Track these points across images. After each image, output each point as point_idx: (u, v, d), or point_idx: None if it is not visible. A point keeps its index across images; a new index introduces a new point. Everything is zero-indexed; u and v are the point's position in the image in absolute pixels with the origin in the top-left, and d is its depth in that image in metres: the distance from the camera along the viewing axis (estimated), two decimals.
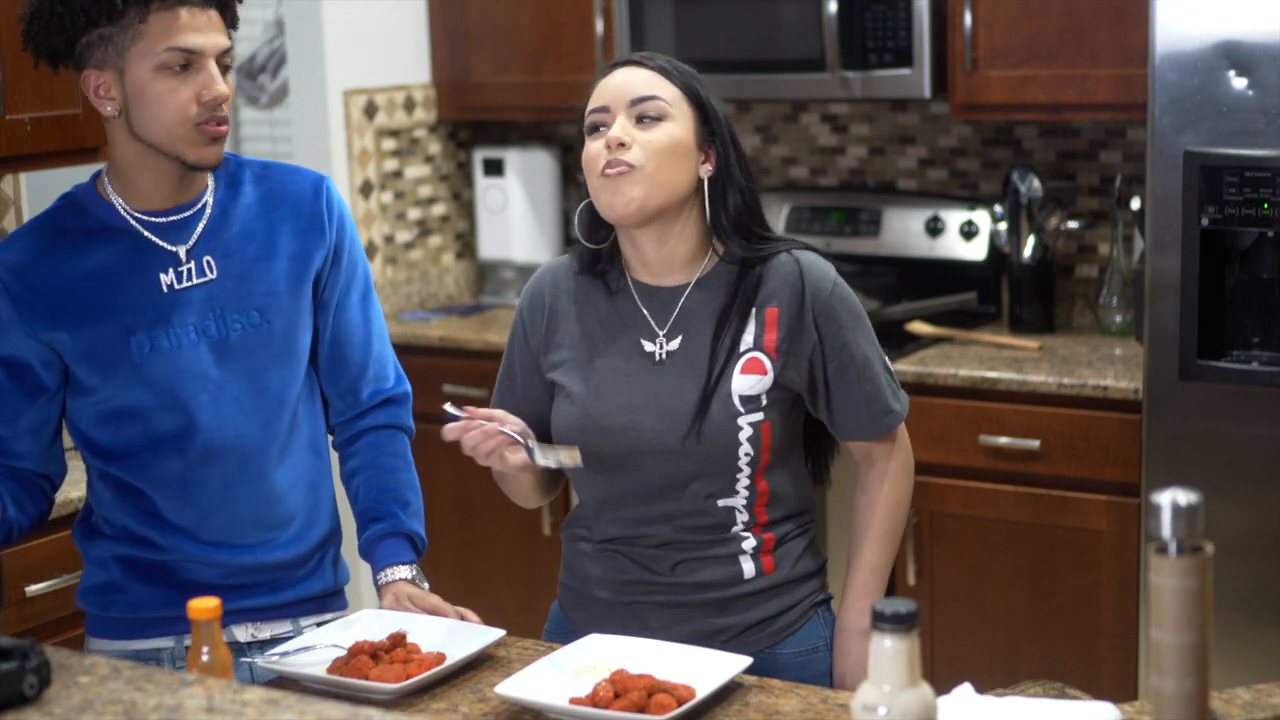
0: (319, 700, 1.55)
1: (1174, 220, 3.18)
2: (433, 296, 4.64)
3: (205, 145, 2.17)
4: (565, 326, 2.24)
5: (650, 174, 2.12)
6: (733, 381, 2.14)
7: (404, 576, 2.31)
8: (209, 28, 2.15)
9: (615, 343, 2.20)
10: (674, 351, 2.17)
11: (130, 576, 2.25)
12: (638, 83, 2.16)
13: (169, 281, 2.22)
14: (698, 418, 2.13)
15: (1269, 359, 3.18)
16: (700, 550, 2.18)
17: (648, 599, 2.20)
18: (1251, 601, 3.20)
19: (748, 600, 2.19)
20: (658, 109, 2.14)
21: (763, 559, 2.20)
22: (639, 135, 2.13)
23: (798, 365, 2.16)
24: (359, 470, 2.39)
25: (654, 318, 2.20)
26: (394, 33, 4.46)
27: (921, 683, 1.49)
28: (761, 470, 2.17)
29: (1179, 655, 1.46)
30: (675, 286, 2.21)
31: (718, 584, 2.18)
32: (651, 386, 2.17)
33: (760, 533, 2.19)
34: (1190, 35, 3.12)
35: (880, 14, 3.80)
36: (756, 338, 2.15)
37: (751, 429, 2.14)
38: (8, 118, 3.03)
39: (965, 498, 3.61)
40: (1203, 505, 1.45)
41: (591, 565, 2.24)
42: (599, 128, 2.17)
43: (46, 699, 1.55)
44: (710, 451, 2.13)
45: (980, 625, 3.64)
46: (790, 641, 2.22)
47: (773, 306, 2.16)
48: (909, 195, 4.26)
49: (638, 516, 2.19)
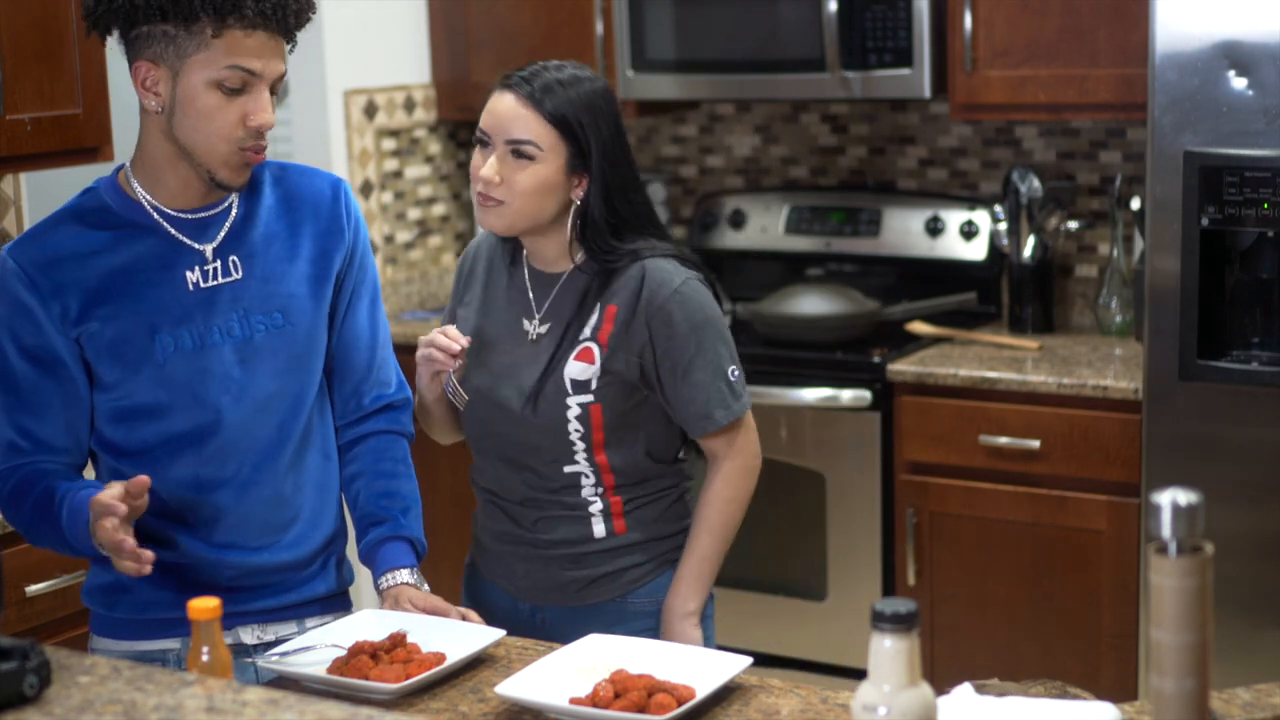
0: (319, 700, 1.55)
1: (1174, 220, 3.18)
2: (433, 296, 4.64)
3: (239, 169, 2.17)
4: (473, 290, 2.50)
5: (515, 210, 2.34)
6: (566, 366, 2.37)
7: (405, 580, 2.32)
8: (273, 54, 2.15)
9: (505, 314, 2.45)
10: (543, 334, 2.41)
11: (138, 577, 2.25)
12: (513, 120, 2.32)
13: (195, 280, 2.21)
14: (534, 393, 2.37)
15: (1269, 359, 3.18)
16: (555, 509, 2.42)
17: (513, 549, 2.46)
18: (1251, 601, 3.20)
19: (599, 556, 2.42)
20: (527, 151, 2.32)
21: (614, 520, 2.43)
22: (508, 174, 2.33)
23: (627, 359, 2.36)
24: (359, 475, 2.40)
25: (535, 300, 2.43)
26: (394, 33, 4.46)
27: (921, 683, 1.49)
28: (599, 446, 2.38)
29: (1179, 655, 1.46)
30: (555, 273, 2.43)
31: (570, 541, 2.42)
32: (517, 360, 2.41)
33: (610, 496, 2.42)
34: (1190, 35, 3.12)
35: (880, 14, 3.80)
36: (594, 329, 2.38)
37: (580, 409, 2.36)
38: (8, 118, 3.03)
39: (965, 498, 3.61)
40: (1203, 505, 1.45)
41: (480, 514, 2.53)
42: (483, 144, 2.36)
43: (47, 699, 1.55)
44: (544, 424, 2.37)
45: (980, 625, 3.64)
46: (640, 592, 2.44)
47: (613, 304, 2.38)
48: (909, 195, 4.26)
49: (501, 470, 2.44)
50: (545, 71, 2.35)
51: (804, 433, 3.77)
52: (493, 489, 2.48)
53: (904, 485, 3.68)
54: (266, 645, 2.27)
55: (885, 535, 3.73)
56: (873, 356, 3.74)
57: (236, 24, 2.09)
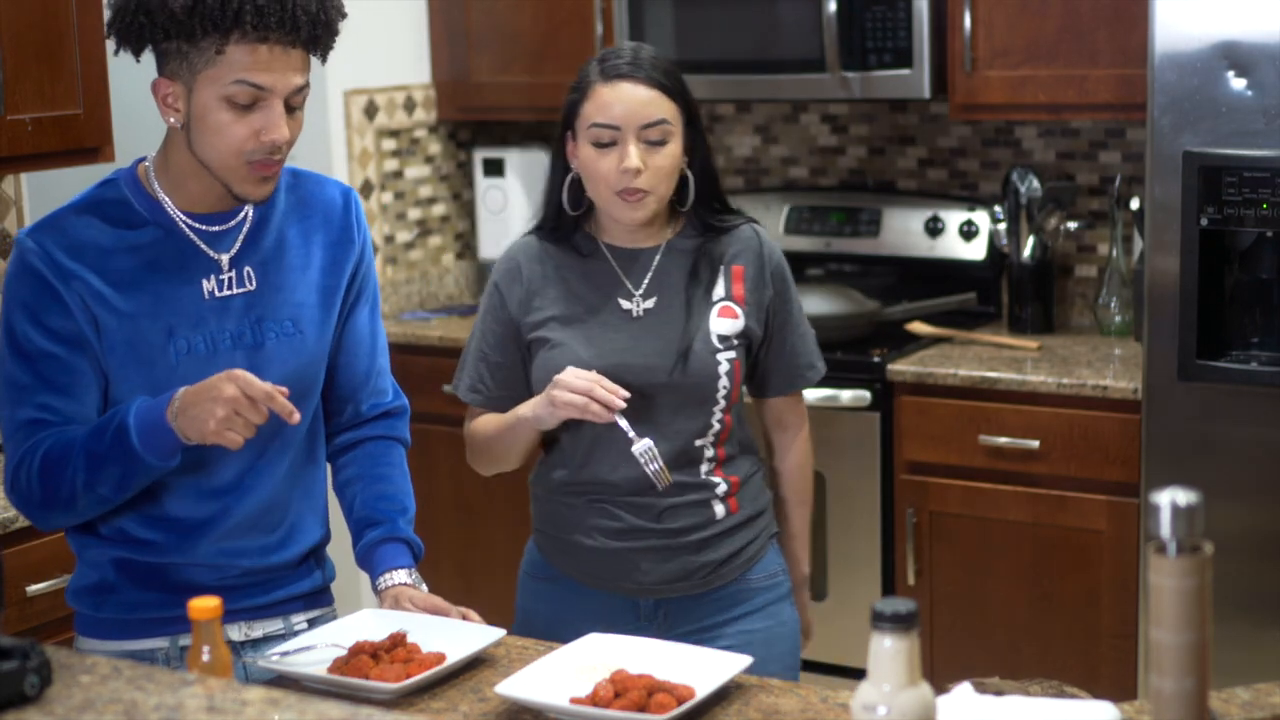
0: (319, 700, 1.55)
1: (1173, 220, 3.18)
2: (433, 296, 4.64)
3: (255, 183, 2.15)
4: (544, 291, 2.43)
5: (659, 196, 2.37)
6: (711, 323, 2.40)
7: (403, 581, 2.32)
8: (285, 67, 2.10)
9: (595, 299, 2.42)
10: (650, 309, 2.41)
11: (124, 577, 2.24)
12: (646, 105, 2.33)
13: (211, 289, 2.21)
14: (684, 352, 2.37)
15: (1268, 359, 3.18)
16: (680, 495, 2.40)
17: (639, 544, 2.40)
18: (1251, 601, 3.20)
19: (720, 538, 2.44)
20: (663, 133, 2.34)
21: (729, 500, 2.44)
22: (648, 160, 2.33)
23: (759, 316, 2.44)
24: (355, 479, 2.40)
25: (629, 278, 2.42)
26: (394, 33, 4.46)
27: (921, 682, 1.49)
28: (730, 405, 2.41)
29: (1179, 655, 1.46)
30: (649, 248, 2.44)
31: (696, 526, 2.42)
32: (634, 334, 2.39)
33: (725, 476, 2.44)
34: (1190, 35, 3.12)
35: (880, 14, 3.80)
36: (727, 289, 2.42)
37: (728, 364, 2.39)
38: (8, 118, 3.03)
39: (965, 498, 3.61)
40: (1202, 505, 1.45)
41: (580, 516, 2.43)
42: (605, 143, 2.34)
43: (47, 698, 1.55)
44: (695, 384, 2.37)
45: (980, 625, 3.64)
46: (756, 569, 2.48)
47: (738, 265, 2.44)
48: (909, 195, 4.26)
49: (620, 461, 2.37)
50: (634, 52, 2.37)
51: None
52: (604, 486, 2.41)
53: (904, 485, 3.68)
54: (253, 642, 2.28)
55: (885, 535, 3.73)
56: (872, 356, 3.74)
57: (241, 38, 2.07)
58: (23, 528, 2.82)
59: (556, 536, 2.47)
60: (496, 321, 2.46)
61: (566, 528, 2.45)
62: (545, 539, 2.50)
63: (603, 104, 2.33)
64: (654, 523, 2.40)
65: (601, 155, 2.33)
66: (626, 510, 2.40)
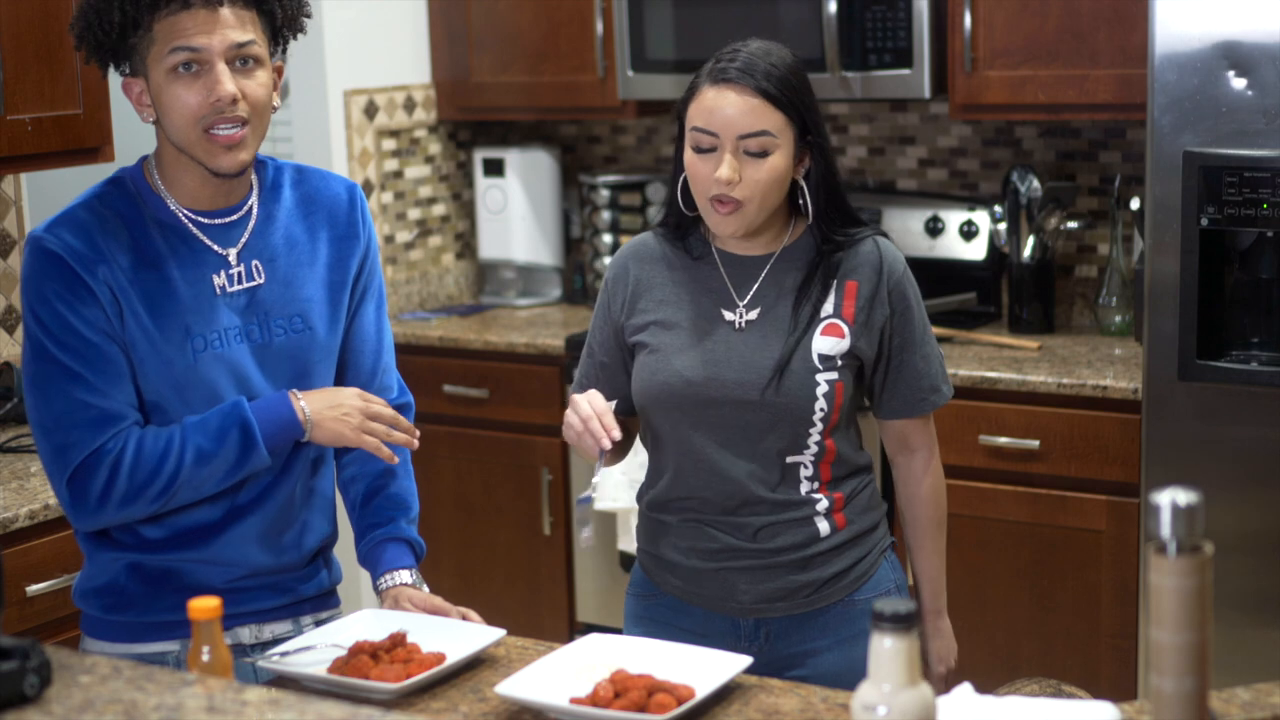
0: (319, 700, 1.55)
1: (1173, 220, 3.18)
2: (433, 296, 4.64)
3: (220, 152, 2.15)
4: (650, 293, 2.36)
5: (756, 207, 2.25)
6: (814, 342, 2.28)
7: (405, 581, 2.32)
8: (219, 25, 2.12)
9: (698, 306, 2.32)
10: (753, 321, 2.30)
11: (137, 580, 2.24)
12: (746, 115, 2.21)
13: (220, 284, 2.22)
14: (779, 370, 2.26)
15: (1268, 359, 3.18)
16: (775, 512, 2.29)
17: (735, 564, 2.31)
18: (1251, 601, 3.20)
19: (825, 556, 2.32)
20: (763, 145, 2.22)
21: (835, 516, 2.33)
22: (746, 171, 2.22)
23: (870, 336, 2.30)
24: (359, 477, 2.40)
25: (735, 286, 2.32)
26: (394, 33, 4.46)
27: (921, 682, 1.50)
28: (830, 429, 2.29)
29: (1179, 655, 1.46)
30: (760, 256, 2.33)
31: (797, 545, 2.31)
32: (733, 346, 2.29)
33: (829, 493, 2.32)
34: (1190, 35, 3.12)
35: (880, 14, 3.80)
36: (836, 306, 2.30)
37: (828, 386, 2.27)
38: (8, 118, 3.03)
39: (965, 498, 3.61)
40: (1202, 505, 1.45)
41: (676, 537, 2.35)
42: (704, 149, 2.24)
43: (47, 699, 1.55)
44: (789, 404, 2.26)
45: (980, 625, 3.64)
46: (866, 588, 2.35)
47: (852, 280, 2.31)
48: (909, 195, 4.26)
49: (712, 476, 2.29)
50: (751, 55, 2.23)
51: None
52: (697, 503, 2.32)
53: None
54: (264, 645, 2.28)
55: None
56: None
57: (167, 13, 2.11)
58: (23, 527, 2.82)
59: (656, 555, 2.39)
60: (604, 321, 2.40)
61: (664, 546, 2.37)
62: (647, 557, 2.42)
63: (705, 108, 2.23)
64: (749, 541, 2.30)
65: (700, 160, 2.24)
66: (720, 529, 2.31)
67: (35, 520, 2.83)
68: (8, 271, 3.50)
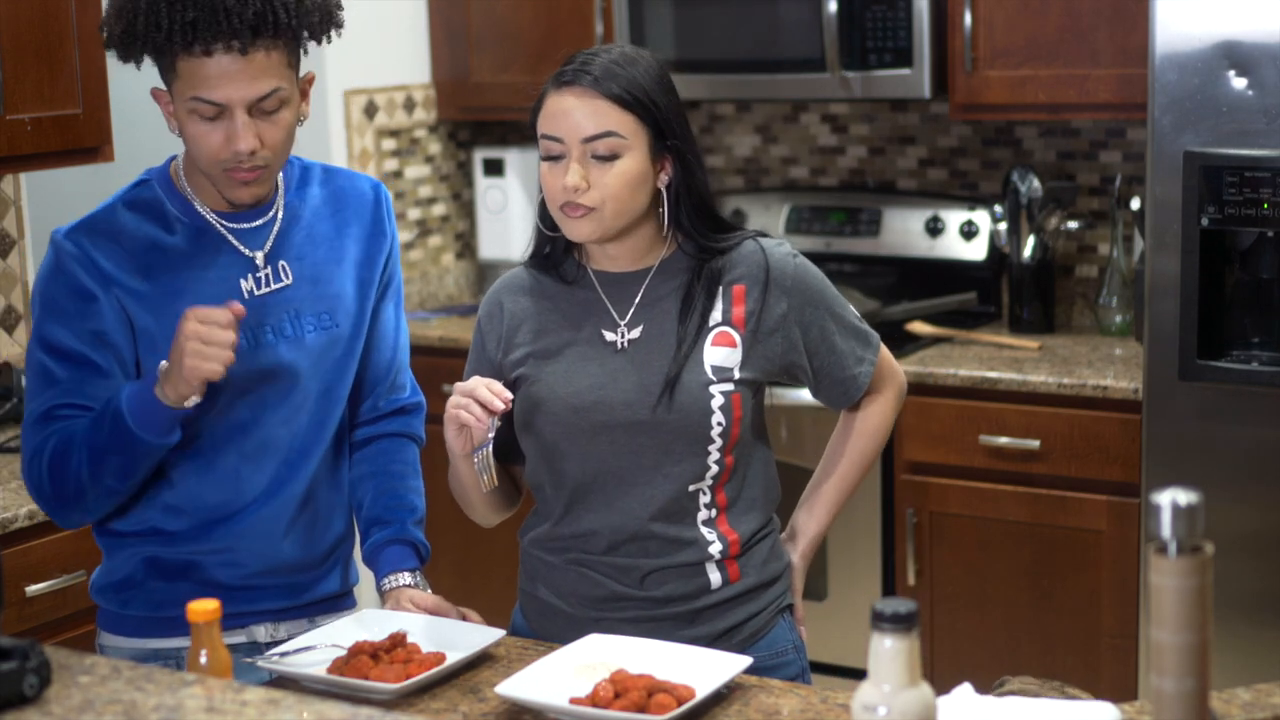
0: (319, 700, 1.55)
1: (1174, 220, 3.18)
2: (433, 296, 4.64)
3: (237, 187, 2.16)
4: (525, 324, 2.23)
5: (610, 212, 2.12)
6: (704, 353, 2.15)
7: (407, 583, 2.33)
8: (241, 75, 2.06)
9: (579, 331, 2.20)
10: (635, 340, 2.17)
11: (153, 574, 2.25)
12: (589, 117, 2.09)
13: (249, 288, 2.22)
14: (669, 385, 2.13)
15: (1269, 359, 3.18)
16: (667, 557, 2.17)
17: (617, 615, 2.18)
18: (1251, 601, 3.20)
19: (716, 610, 2.19)
20: (611, 147, 2.10)
21: (728, 566, 2.19)
22: (594, 176, 2.10)
23: (768, 338, 2.18)
24: (367, 476, 2.40)
25: (614, 305, 2.20)
26: (394, 33, 4.46)
27: (921, 682, 1.49)
28: (731, 445, 2.16)
29: (1179, 655, 1.46)
30: (636, 271, 2.21)
31: (686, 596, 2.18)
32: (618, 366, 2.17)
33: (726, 529, 2.18)
34: (1190, 35, 3.12)
35: (880, 14, 3.80)
36: (725, 313, 2.17)
37: (723, 398, 2.14)
38: (8, 118, 3.03)
39: (965, 498, 3.61)
40: (1203, 505, 1.45)
41: (559, 579, 2.23)
42: (553, 156, 2.12)
43: (46, 699, 1.55)
44: (683, 420, 2.13)
45: (980, 625, 3.64)
46: (758, 647, 2.21)
47: (740, 284, 2.18)
48: (909, 195, 4.26)
49: (600, 509, 2.17)
50: (595, 58, 2.12)
51: (804, 432, 3.77)
52: (583, 540, 2.19)
53: (904, 485, 3.68)
54: (279, 643, 2.27)
55: (885, 535, 3.73)
56: None
57: (186, 55, 2.07)
58: (23, 527, 2.82)
59: (537, 597, 2.26)
60: (479, 363, 2.27)
61: (542, 587, 2.25)
62: (528, 599, 2.28)
63: (549, 114, 2.11)
64: (635, 588, 2.17)
65: (550, 170, 2.11)
66: (604, 572, 2.18)
67: (35, 520, 2.83)
68: (7, 271, 3.50)
